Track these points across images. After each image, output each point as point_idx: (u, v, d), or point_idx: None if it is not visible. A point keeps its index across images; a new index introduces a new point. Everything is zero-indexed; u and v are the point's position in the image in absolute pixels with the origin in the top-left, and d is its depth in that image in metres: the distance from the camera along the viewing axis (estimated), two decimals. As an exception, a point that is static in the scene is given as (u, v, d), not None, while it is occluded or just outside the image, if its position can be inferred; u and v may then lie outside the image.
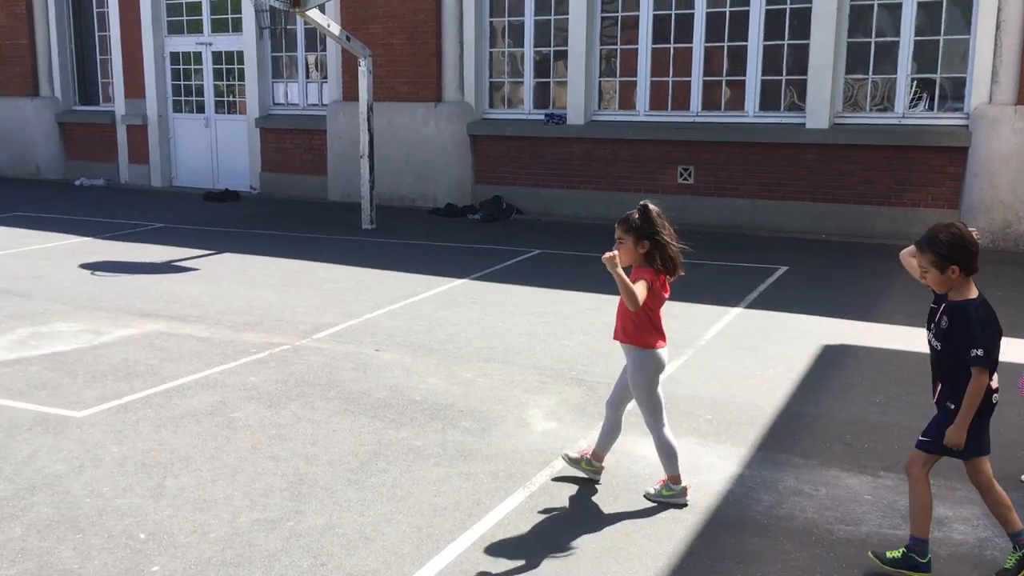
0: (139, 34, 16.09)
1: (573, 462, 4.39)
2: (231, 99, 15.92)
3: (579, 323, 7.30)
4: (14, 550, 3.68)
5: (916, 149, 10.86)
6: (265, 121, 15.27)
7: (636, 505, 4.16)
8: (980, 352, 3.36)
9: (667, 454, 4.16)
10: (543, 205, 13.00)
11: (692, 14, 12.03)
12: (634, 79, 12.53)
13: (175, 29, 16.15)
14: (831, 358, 6.39)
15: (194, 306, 7.76)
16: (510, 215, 12.91)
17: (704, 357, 6.35)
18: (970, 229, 3.49)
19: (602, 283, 8.61)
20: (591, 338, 6.85)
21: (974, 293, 3.48)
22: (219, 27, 15.72)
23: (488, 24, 13.32)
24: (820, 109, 11.29)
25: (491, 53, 13.42)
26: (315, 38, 14.75)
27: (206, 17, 15.79)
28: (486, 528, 3.92)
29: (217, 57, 15.81)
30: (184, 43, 16.08)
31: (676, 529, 3.94)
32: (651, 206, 3.97)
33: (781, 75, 11.71)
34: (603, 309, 7.75)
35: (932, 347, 3.61)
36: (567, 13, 12.63)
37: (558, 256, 10.21)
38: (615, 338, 4.17)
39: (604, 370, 6.09)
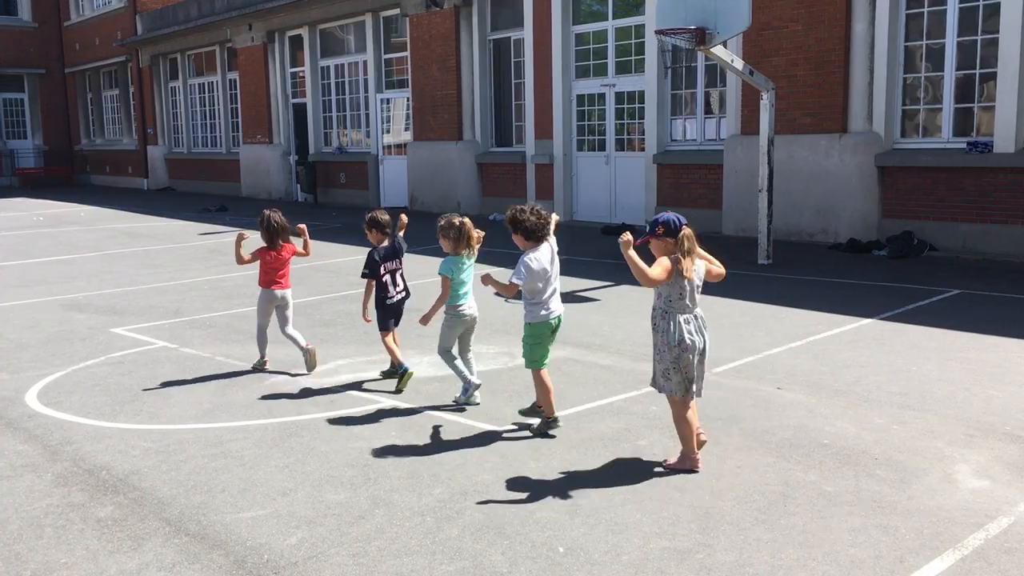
0: (550, 80, 17.34)
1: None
2: (630, 137, 16.55)
3: (1009, 372, 6.54)
4: (452, 548, 4.07)
5: None
6: (663, 157, 15.64)
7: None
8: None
9: (292, 340, 7.16)
10: (961, 241, 11.88)
11: None
12: (1079, 99, 11.05)
13: (582, 73, 17.18)
14: None
15: (595, 335, 8.11)
16: (922, 251, 11.96)
17: None
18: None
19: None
20: (1026, 390, 6.10)
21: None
22: (622, 69, 16.44)
23: (903, 49, 12.51)
24: None
25: (904, 79, 12.58)
26: (715, 74, 14.86)
27: (611, 61, 16.60)
28: (911, 589, 3.62)
29: (619, 97, 16.53)
30: (589, 86, 17.03)
31: None
32: (266, 212, 7.09)
33: None
34: (1041, 359, 6.88)
35: None
36: (997, 32, 11.49)
37: (981, 297, 9.24)
38: None
39: (1046, 428, 5.38)
